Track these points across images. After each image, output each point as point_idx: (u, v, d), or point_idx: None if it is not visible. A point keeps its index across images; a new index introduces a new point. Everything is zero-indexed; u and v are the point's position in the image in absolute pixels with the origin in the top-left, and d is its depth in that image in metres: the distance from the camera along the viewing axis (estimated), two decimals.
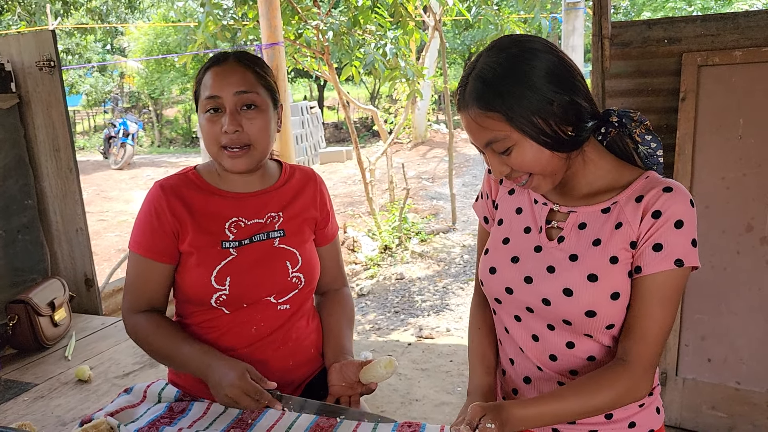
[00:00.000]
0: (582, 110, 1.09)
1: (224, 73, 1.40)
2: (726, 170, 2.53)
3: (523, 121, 1.06)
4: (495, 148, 1.10)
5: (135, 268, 1.48)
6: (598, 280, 1.12)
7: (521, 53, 1.07)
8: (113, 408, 1.49)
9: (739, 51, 2.48)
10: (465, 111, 1.10)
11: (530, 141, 1.07)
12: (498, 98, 1.06)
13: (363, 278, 5.54)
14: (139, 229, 1.47)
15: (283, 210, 1.52)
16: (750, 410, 2.53)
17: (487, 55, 1.10)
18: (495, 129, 1.08)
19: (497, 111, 1.06)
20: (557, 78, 1.07)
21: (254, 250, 1.46)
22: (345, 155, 12.34)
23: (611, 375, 1.11)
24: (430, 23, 6.79)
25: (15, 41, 2.65)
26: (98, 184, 11.12)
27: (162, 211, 1.44)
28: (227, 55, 1.44)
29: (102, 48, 19.87)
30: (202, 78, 1.43)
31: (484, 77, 1.07)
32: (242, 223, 1.47)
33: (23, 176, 2.68)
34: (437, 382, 3.46)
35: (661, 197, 1.09)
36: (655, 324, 1.10)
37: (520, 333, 1.25)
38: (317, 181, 1.63)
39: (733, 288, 2.54)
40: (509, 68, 1.06)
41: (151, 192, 1.49)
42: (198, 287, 1.43)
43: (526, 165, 1.10)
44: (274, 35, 4.48)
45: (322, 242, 1.63)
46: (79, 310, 2.71)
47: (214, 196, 1.48)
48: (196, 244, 1.43)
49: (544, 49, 1.09)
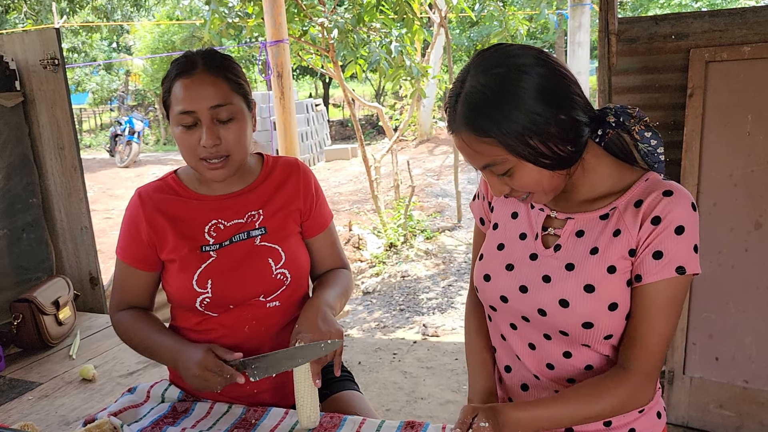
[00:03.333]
0: (580, 124, 1.04)
1: (196, 86, 1.34)
2: (734, 167, 2.50)
3: (520, 146, 1.01)
4: (494, 171, 1.07)
5: (118, 273, 1.53)
6: (595, 291, 1.09)
7: (510, 73, 1.01)
8: (116, 408, 1.48)
9: (747, 47, 2.45)
10: (457, 134, 1.05)
11: (529, 164, 1.03)
12: (491, 124, 1.00)
13: (368, 276, 5.53)
14: (121, 235, 1.50)
15: (263, 207, 1.49)
16: (758, 409, 2.51)
17: (474, 74, 1.04)
18: (491, 154, 1.03)
19: (492, 137, 1.01)
20: (551, 95, 1.01)
21: (235, 250, 1.45)
22: (350, 153, 12.32)
23: (613, 382, 1.08)
24: (436, 20, 6.76)
25: (19, 39, 2.65)
26: (104, 182, 11.16)
27: (139, 221, 1.46)
28: (194, 62, 1.37)
29: (108, 46, 19.92)
30: (171, 87, 1.37)
31: (473, 102, 1.02)
32: (221, 225, 1.46)
33: (28, 174, 2.68)
34: (442, 381, 3.44)
35: (661, 202, 1.06)
36: (656, 332, 1.07)
37: (516, 341, 1.23)
38: (300, 170, 1.56)
39: (741, 286, 2.52)
40: (499, 91, 1.00)
41: (131, 201, 1.49)
42: (181, 292, 1.44)
43: (527, 186, 1.07)
44: (279, 32, 4.47)
45: (312, 232, 1.57)
46: (84, 309, 2.71)
47: (193, 201, 1.47)
48: (176, 251, 1.44)
49: (535, 62, 1.02)
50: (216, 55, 1.41)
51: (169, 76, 1.39)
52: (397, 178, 7.11)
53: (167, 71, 1.41)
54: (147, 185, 1.51)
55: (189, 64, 1.37)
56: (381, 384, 3.45)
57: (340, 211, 7.67)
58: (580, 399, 1.08)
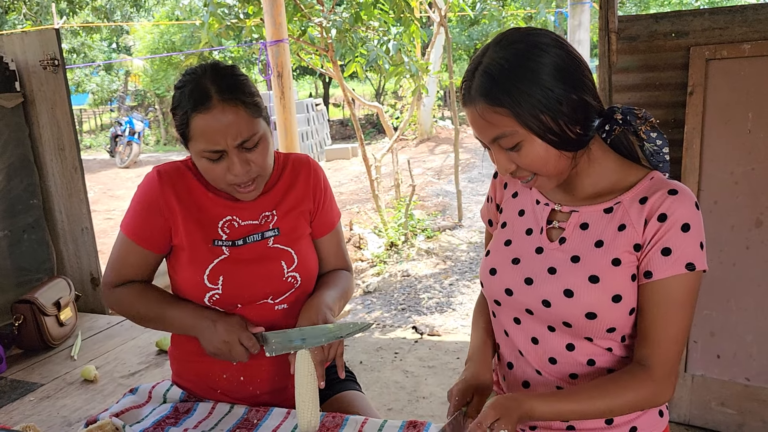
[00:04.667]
0: (590, 108, 1.07)
1: (217, 122, 1.28)
2: (734, 165, 2.50)
3: (531, 119, 1.04)
4: (502, 144, 1.08)
5: (119, 247, 1.49)
6: (600, 282, 1.10)
7: (529, 49, 1.05)
8: (118, 408, 1.48)
9: (747, 44, 2.45)
10: (471, 106, 1.08)
11: (538, 139, 1.05)
12: (506, 94, 1.03)
13: (369, 275, 5.53)
14: (131, 211, 1.47)
15: (276, 207, 1.48)
16: (760, 407, 2.51)
17: (495, 49, 1.07)
18: (502, 125, 1.05)
19: (505, 107, 1.04)
20: (566, 74, 1.04)
21: (248, 251, 1.44)
22: (351, 152, 12.33)
23: (635, 379, 1.09)
24: (436, 19, 6.75)
25: (19, 40, 2.65)
26: (104, 183, 11.16)
27: (156, 199, 1.43)
28: (207, 93, 1.29)
29: (108, 47, 19.92)
30: (189, 121, 1.31)
31: (492, 72, 1.05)
32: (236, 222, 1.45)
33: (28, 176, 2.69)
34: (444, 380, 3.44)
35: (667, 200, 1.07)
36: (672, 328, 1.08)
37: (519, 336, 1.23)
38: (311, 168, 1.54)
39: (742, 284, 2.52)
40: (517, 64, 1.04)
41: (148, 178, 1.46)
42: (191, 285, 1.43)
43: (534, 164, 1.08)
44: (278, 32, 4.47)
45: (320, 233, 1.56)
46: (86, 310, 2.72)
47: (210, 192, 1.45)
48: (187, 237, 1.42)
49: (553, 43, 1.06)
50: (225, 76, 1.34)
51: (182, 107, 1.32)
52: (398, 178, 7.11)
53: (177, 99, 1.34)
54: (166, 164, 1.47)
55: (203, 96, 1.30)
56: (383, 383, 3.45)
57: (341, 210, 7.68)
58: (604, 393, 1.08)
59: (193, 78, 1.33)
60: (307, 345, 1.32)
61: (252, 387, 1.50)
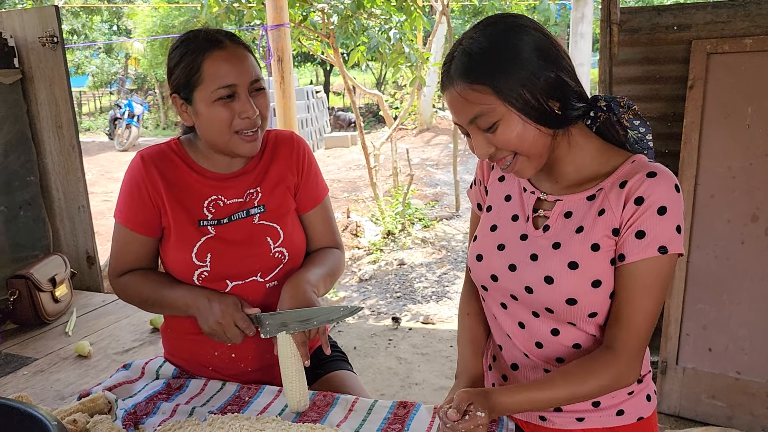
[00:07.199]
0: (568, 87, 1.08)
1: (233, 59, 1.34)
2: (732, 159, 2.51)
3: (511, 93, 1.04)
4: (480, 125, 1.08)
5: (117, 236, 1.51)
6: (579, 268, 1.11)
7: (509, 28, 1.07)
8: (111, 383, 1.49)
9: (749, 39, 2.45)
10: (450, 87, 1.08)
11: (516, 115, 1.05)
12: (485, 70, 1.04)
13: (365, 263, 5.53)
14: (121, 198, 1.48)
15: (260, 184, 1.49)
16: (749, 400, 2.53)
17: (473, 31, 1.09)
18: (481, 102, 1.05)
19: (484, 83, 1.04)
20: (544, 53, 1.06)
21: (234, 228, 1.45)
22: (350, 140, 12.30)
23: (599, 363, 1.10)
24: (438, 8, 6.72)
25: (18, 16, 2.64)
26: (103, 165, 11.13)
27: (142, 184, 1.44)
28: (218, 38, 1.36)
29: (108, 29, 19.79)
30: (200, 64, 1.33)
31: (471, 52, 1.06)
32: (221, 202, 1.46)
33: (26, 152, 2.68)
34: (437, 367, 3.46)
35: (645, 183, 1.07)
36: (640, 312, 1.08)
37: (506, 320, 1.25)
38: (294, 141, 1.55)
39: (736, 278, 2.53)
40: (497, 42, 1.05)
41: (133, 163, 1.48)
42: (180, 264, 1.44)
43: (511, 142, 1.08)
44: (279, 16, 4.44)
45: (305, 207, 1.55)
46: (81, 287, 2.72)
47: (194, 173, 1.46)
48: (174, 218, 1.44)
49: (532, 25, 1.08)
50: (229, 32, 1.41)
51: (192, 52, 1.34)
52: (396, 167, 7.11)
53: (183, 52, 1.36)
54: (149, 148, 1.49)
55: (215, 39, 1.35)
56: (376, 369, 3.47)
57: (338, 198, 7.67)
58: (567, 380, 1.10)
59: (202, 31, 1.38)
60: (299, 328, 1.33)
61: (243, 364, 1.51)
